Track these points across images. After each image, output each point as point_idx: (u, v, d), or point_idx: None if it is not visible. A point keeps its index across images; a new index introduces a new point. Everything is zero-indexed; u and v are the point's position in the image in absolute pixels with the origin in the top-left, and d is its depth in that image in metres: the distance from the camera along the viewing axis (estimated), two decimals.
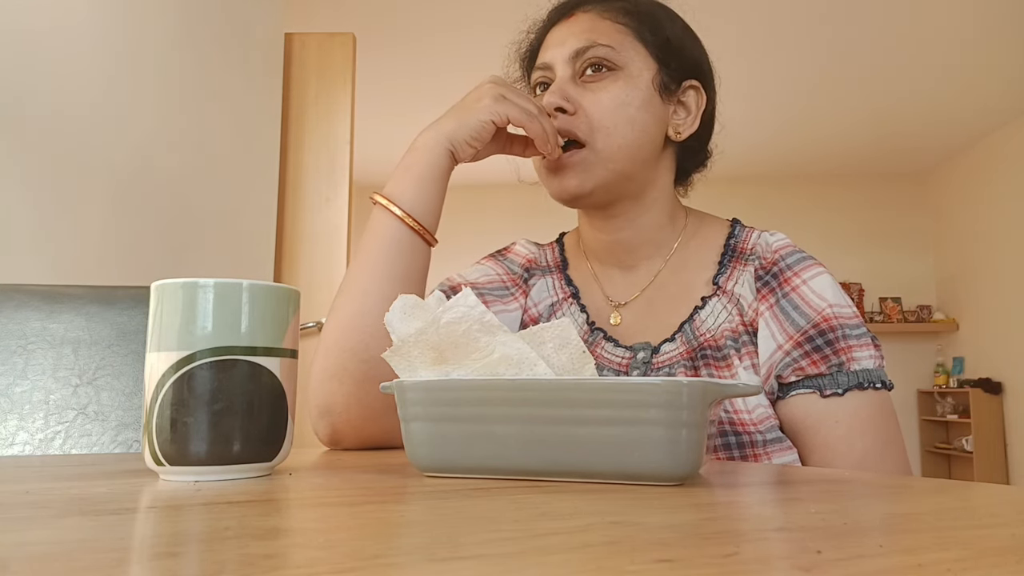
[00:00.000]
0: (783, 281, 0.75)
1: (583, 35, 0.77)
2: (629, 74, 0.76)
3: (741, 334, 0.74)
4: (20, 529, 0.28)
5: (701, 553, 0.24)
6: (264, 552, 0.24)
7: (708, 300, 0.77)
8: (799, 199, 5.59)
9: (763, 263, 0.77)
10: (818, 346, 0.71)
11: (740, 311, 0.75)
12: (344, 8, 3.16)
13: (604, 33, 0.77)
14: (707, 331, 0.75)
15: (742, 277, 0.77)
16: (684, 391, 0.40)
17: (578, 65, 0.76)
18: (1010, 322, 4.60)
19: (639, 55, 0.77)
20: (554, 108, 0.75)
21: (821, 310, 0.72)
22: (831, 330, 0.71)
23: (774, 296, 0.74)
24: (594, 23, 0.78)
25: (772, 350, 0.73)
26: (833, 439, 0.70)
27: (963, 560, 0.23)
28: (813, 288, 0.74)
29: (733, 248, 0.79)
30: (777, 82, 3.99)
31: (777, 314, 0.74)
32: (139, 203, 1.57)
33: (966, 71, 3.84)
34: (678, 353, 0.75)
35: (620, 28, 0.77)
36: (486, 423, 0.42)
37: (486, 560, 0.23)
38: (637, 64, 0.76)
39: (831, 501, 0.36)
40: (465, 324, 0.45)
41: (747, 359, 0.73)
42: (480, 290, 0.86)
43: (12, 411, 0.83)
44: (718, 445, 0.69)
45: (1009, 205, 4.62)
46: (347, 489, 0.41)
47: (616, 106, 0.74)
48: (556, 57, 0.78)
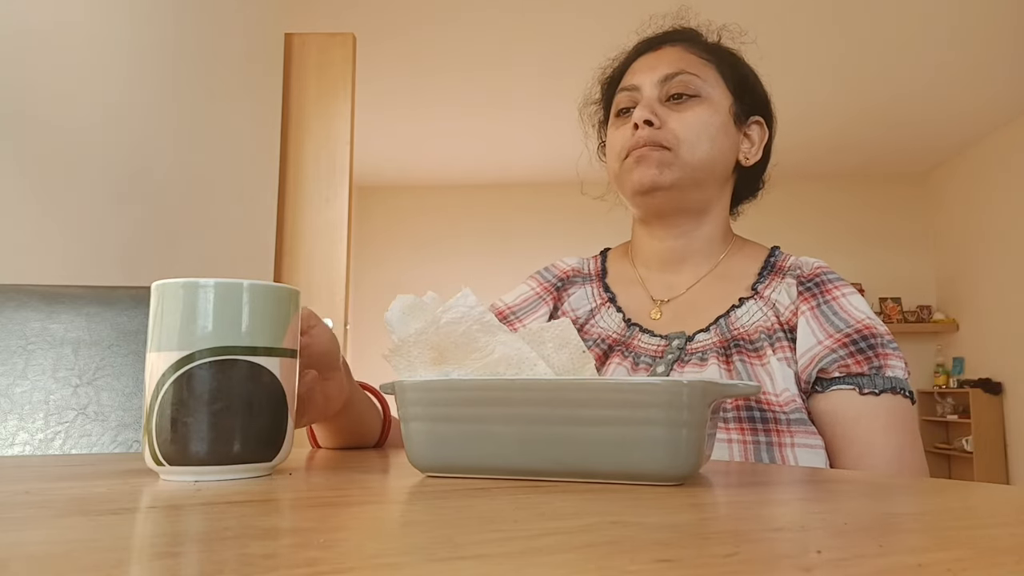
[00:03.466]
0: (824, 291, 0.81)
1: (672, 64, 0.85)
2: (711, 101, 0.84)
3: (776, 331, 0.79)
4: (20, 529, 0.28)
5: (701, 553, 0.24)
6: (264, 552, 0.24)
7: (746, 301, 0.83)
8: (799, 199, 5.59)
9: (803, 274, 0.83)
10: (861, 348, 0.76)
11: (776, 313, 0.81)
12: (344, 8, 3.16)
13: (691, 64, 0.85)
14: (741, 326, 0.81)
15: (780, 286, 0.83)
16: (684, 391, 0.40)
17: (665, 88, 0.84)
18: (1010, 322, 4.60)
19: (719, 87, 0.86)
20: (643, 121, 0.82)
21: (861, 319, 0.78)
22: (872, 336, 0.77)
23: (815, 300, 0.80)
24: (681, 55, 0.87)
25: (812, 344, 0.77)
26: (875, 430, 0.74)
27: (963, 560, 0.23)
28: (852, 302, 0.80)
29: (772, 265, 0.87)
30: (777, 83, 3.99)
31: (818, 315, 0.79)
32: (139, 203, 1.57)
33: (966, 71, 3.84)
34: (712, 342, 0.80)
35: (704, 62, 0.86)
36: (486, 423, 0.42)
37: (486, 560, 0.23)
38: (718, 93, 0.85)
39: (831, 501, 0.36)
40: (465, 324, 0.45)
41: (780, 352, 0.78)
42: (515, 312, 0.93)
43: (12, 411, 0.83)
44: (742, 417, 0.72)
45: (1009, 205, 4.61)
46: (347, 489, 0.41)
47: (699, 125, 0.83)
48: (645, 80, 0.85)
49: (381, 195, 5.82)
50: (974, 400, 4.68)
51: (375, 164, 5.26)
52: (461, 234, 5.77)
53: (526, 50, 3.53)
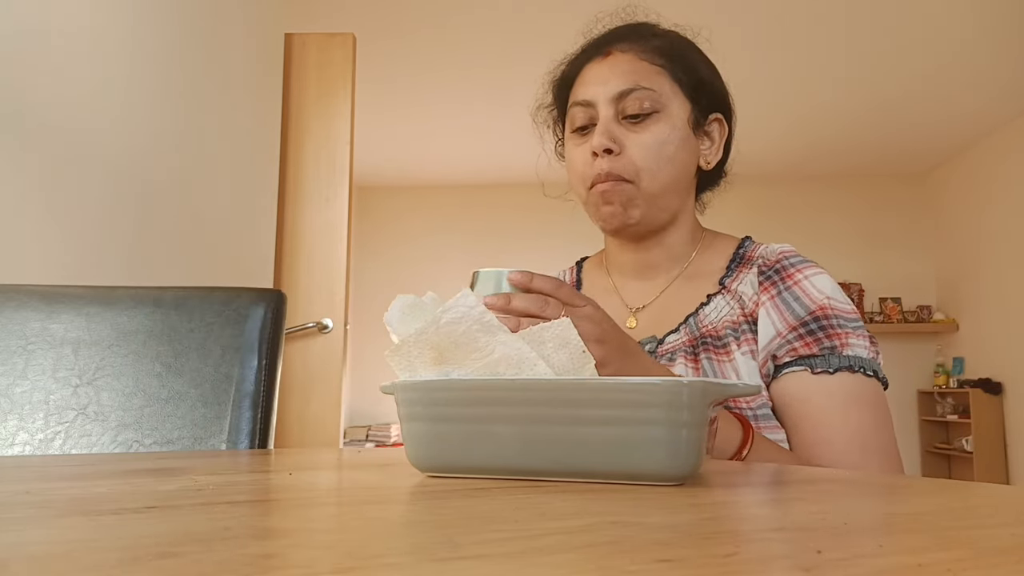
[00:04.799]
0: (785, 276, 0.80)
1: (625, 77, 0.82)
2: (668, 114, 0.82)
3: (741, 324, 0.79)
4: (20, 529, 0.28)
5: (701, 553, 0.24)
6: (264, 552, 0.24)
7: (713, 297, 0.83)
8: (799, 200, 5.59)
9: (766, 262, 0.82)
10: (812, 330, 0.75)
11: (741, 305, 0.80)
12: (344, 8, 3.16)
13: (645, 76, 0.82)
14: (710, 323, 0.81)
15: (746, 278, 0.82)
16: (684, 391, 0.40)
17: (621, 106, 0.81)
18: (1010, 322, 4.60)
19: (676, 96, 0.83)
20: (603, 150, 0.80)
21: (819, 300, 0.77)
22: (825, 317, 0.76)
23: (775, 288, 0.79)
24: (633, 65, 0.82)
25: (771, 336, 0.77)
26: (828, 408, 0.72)
27: (963, 560, 0.23)
28: (814, 283, 0.78)
29: (741, 256, 0.86)
30: (777, 83, 3.99)
31: (778, 304, 0.78)
32: (139, 203, 1.57)
33: (966, 71, 3.84)
34: (681, 342, 0.81)
35: (658, 70, 0.82)
36: (486, 423, 0.42)
37: (486, 560, 0.23)
38: (675, 104, 0.83)
39: (831, 501, 0.36)
40: (465, 324, 0.45)
41: (745, 345, 0.77)
42: None
43: (12, 411, 0.83)
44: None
45: (1009, 205, 4.61)
46: (347, 489, 0.41)
47: (658, 146, 0.81)
48: (599, 96, 0.82)
49: (381, 195, 5.82)
50: (974, 400, 4.68)
51: (375, 164, 5.26)
52: (461, 234, 5.77)
53: (526, 50, 3.54)
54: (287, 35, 2.43)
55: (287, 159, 2.38)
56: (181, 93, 1.78)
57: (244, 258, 2.10)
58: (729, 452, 0.66)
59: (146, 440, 0.83)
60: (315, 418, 2.22)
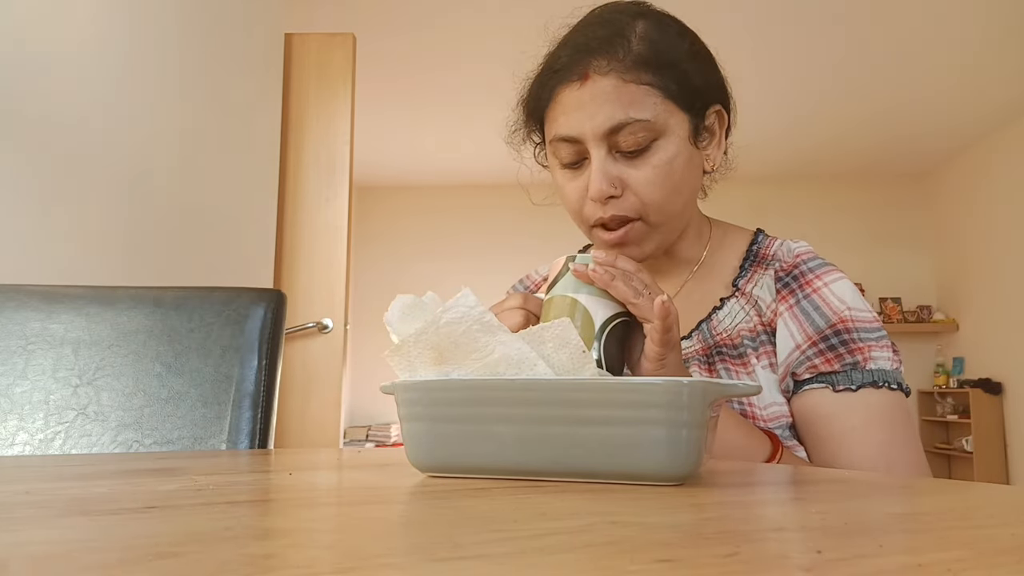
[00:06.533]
0: (804, 283, 0.76)
1: (612, 108, 0.70)
2: (667, 138, 0.72)
3: (759, 334, 0.75)
4: (20, 529, 0.28)
5: (701, 553, 0.24)
6: (264, 552, 0.24)
7: (727, 301, 0.79)
8: (799, 199, 5.59)
9: (783, 266, 0.78)
10: (832, 345, 0.72)
11: (758, 312, 0.76)
12: (344, 8, 3.16)
13: (634, 102, 0.70)
14: (724, 330, 0.77)
15: (761, 280, 0.78)
16: (685, 391, 0.40)
17: (613, 140, 0.71)
18: (1010, 322, 4.60)
19: (672, 115, 0.72)
20: (606, 197, 0.72)
21: (839, 311, 0.73)
22: (847, 331, 0.72)
23: (794, 297, 0.75)
24: (618, 91, 0.70)
25: (790, 349, 0.73)
26: (849, 428, 0.69)
27: (963, 560, 0.23)
28: (833, 291, 0.74)
29: (755, 254, 0.81)
30: (777, 83, 3.99)
31: (797, 314, 0.74)
32: (139, 203, 1.57)
33: (966, 71, 3.84)
34: (694, 350, 0.77)
35: (646, 90, 0.71)
36: (486, 423, 0.42)
37: (486, 560, 0.23)
38: (672, 123, 0.72)
39: (831, 501, 0.36)
40: (465, 324, 0.45)
41: (765, 358, 0.74)
42: None
43: (12, 411, 0.83)
44: None
45: (1009, 205, 4.61)
46: (347, 489, 0.41)
47: (662, 177, 0.72)
48: (586, 133, 0.72)
49: (381, 195, 5.82)
50: (974, 400, 4.68)
51: (375, 164, 5.26)
52: (461, 234, 5.77)
53: (526, 50, 3.53)
54: (287, 35, 2.43)
55: (287, 159, 2.38)
56: (181, 93, 1.78)
57: (244, 258, 2.10)
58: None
59: (146, 440, 0.83)
60: (315, 418, 2.22)
